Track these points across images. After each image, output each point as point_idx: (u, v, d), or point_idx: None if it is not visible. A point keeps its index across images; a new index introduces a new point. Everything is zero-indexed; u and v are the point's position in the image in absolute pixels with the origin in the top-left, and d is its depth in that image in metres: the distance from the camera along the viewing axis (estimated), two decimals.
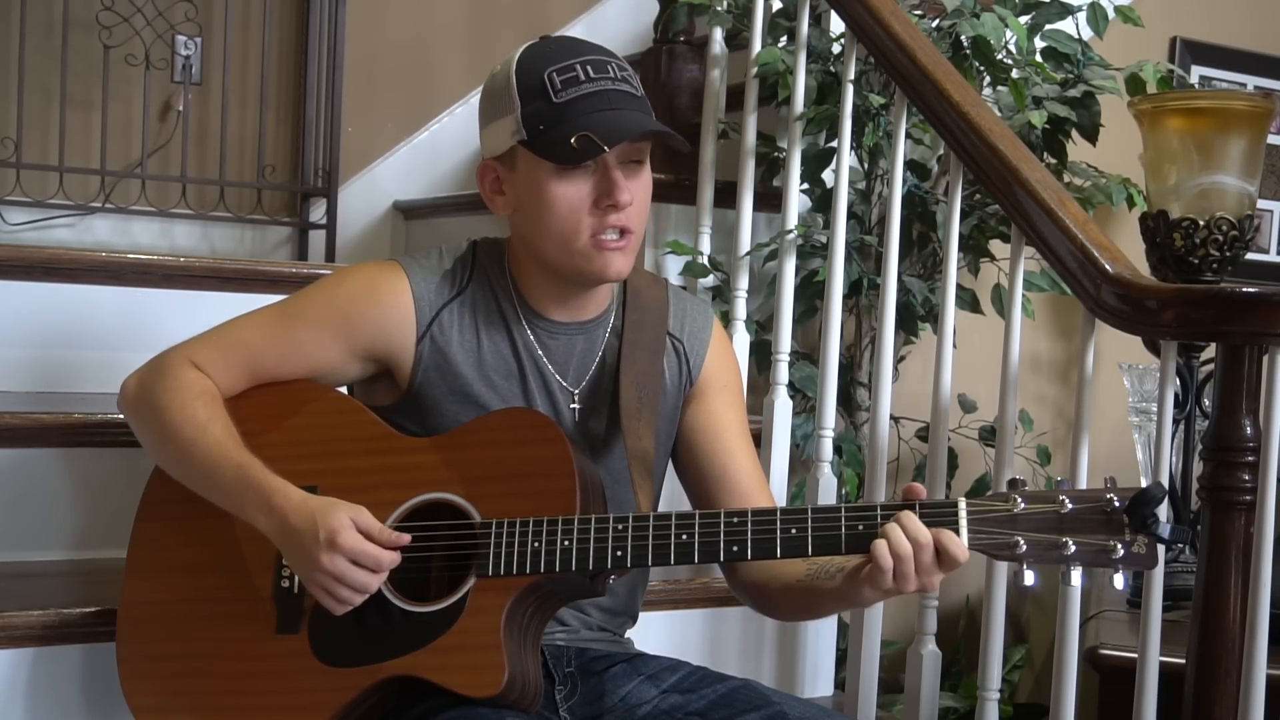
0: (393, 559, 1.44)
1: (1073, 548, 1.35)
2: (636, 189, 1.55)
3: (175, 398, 1.55)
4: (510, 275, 1.63)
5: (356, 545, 1.43)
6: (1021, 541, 1.36)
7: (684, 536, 1.43)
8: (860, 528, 1.40)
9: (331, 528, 1.42)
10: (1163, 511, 1.41)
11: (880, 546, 1.37)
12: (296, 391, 1.60)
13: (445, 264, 1.62)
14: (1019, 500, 1.38)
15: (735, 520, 1.43)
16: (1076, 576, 1.36)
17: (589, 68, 1.52)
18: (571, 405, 1.62)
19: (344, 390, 1.66)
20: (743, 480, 1.67)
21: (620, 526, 1.44)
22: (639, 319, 1.65)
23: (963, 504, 1.39)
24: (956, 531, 1.37)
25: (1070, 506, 1.36)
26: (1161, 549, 1.42)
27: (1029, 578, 1.36)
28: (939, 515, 1.39)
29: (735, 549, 1.42)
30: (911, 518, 1.38)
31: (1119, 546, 1.34)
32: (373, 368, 1.61)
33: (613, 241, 1.54)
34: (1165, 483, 1.80)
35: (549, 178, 1.52)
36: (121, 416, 1.60)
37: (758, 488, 1.68)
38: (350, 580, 1.43)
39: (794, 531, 1.41)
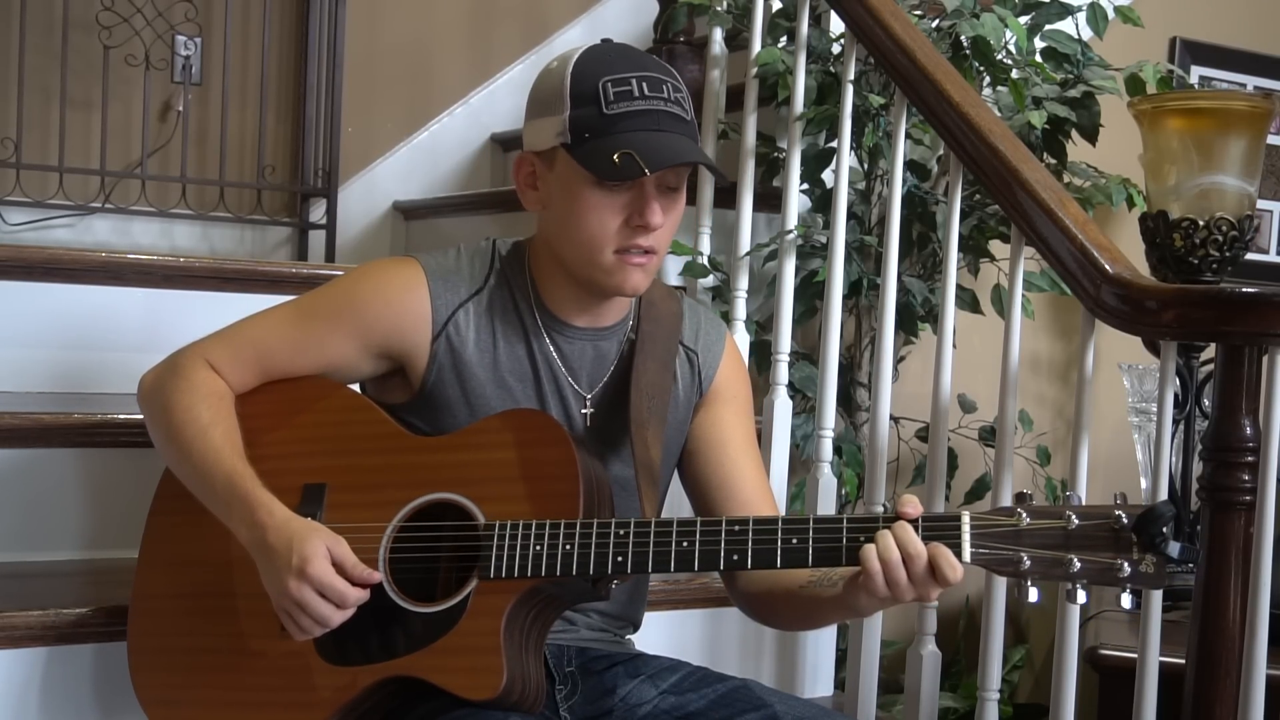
0: (359, 596, 1.43)
1: (1078, 565, 1.32)
2: (669, 213, 1.54)
3: (183, 398, 1.55)
4: (530, 276, 1.62)
5: (324, 577, 1.41)
6: (1025, 558, 1.33)
7: (684, 544, 1.42)
8: (862, 539, 1.37)
9: (304, 555, 1.41)
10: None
11: (868, 551, 1.35)
12: (309, 388, 1.60)
13: (464, 262, 1.61)
14: (1024, 515, 1.34)
15: (736, 528, 1.41)
16: (1083, 595, 1.33)
17: (644, 84, 1.51)
18: (584, 410, 1.62)
19: (356, 388, 1.66)
20: (744, 488, 1.66)
21: (622, 532, 1.43)
22: (652, 330, 1.65)
23: (966, 517, 1.36)
24: (959, 544, 1.35)
25: (1077, 523, 1.33)
26: (1168, 568, 1.36)
27: (1032, 594, 1.33)
28: (941, 528, 1.36)
29: (735, 558, 1.41)
30: (906, 528, 1.35)
31: (1125, 565, 1.31)
32: (386, 365, 1.60)
33: (636, 258, 1.53)
34: (1167, 492, 1.80)
35: (585, 187, 1.51)
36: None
37: (759, 497, 1.67)
38: (313, 611, 1.42)
39: (795, 541, 1.39)
